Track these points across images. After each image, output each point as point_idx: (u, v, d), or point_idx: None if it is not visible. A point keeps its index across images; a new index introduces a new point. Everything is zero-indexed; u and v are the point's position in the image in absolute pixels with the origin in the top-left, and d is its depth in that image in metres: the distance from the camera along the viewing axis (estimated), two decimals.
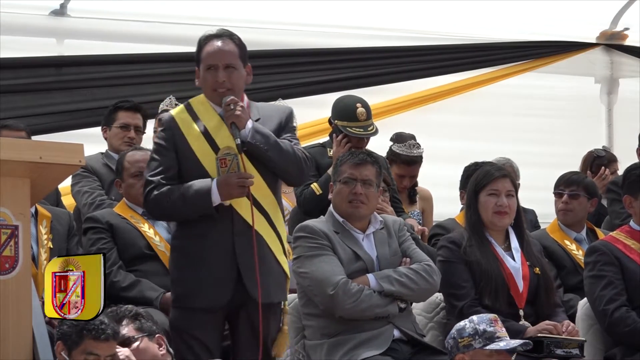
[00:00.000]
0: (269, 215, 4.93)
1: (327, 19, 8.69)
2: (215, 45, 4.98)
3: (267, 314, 4.88)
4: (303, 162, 4.98)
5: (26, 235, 4.08)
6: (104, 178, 6.61)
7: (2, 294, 3.97)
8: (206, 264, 4.86)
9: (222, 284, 4.85)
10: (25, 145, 4.21)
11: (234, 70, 4.97)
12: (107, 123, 6.90)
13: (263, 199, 4.92)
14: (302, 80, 8.60)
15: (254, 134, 4.87)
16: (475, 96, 9.19)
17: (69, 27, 8.13)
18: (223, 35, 5.03)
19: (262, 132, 4.90)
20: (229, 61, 4.97)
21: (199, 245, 4.89)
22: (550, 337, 5.31)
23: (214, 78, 4.94)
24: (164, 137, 4.98)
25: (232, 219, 4.87)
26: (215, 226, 4.87)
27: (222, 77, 4.93)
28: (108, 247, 5.63)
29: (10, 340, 3.97)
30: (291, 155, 4.93)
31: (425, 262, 5.34)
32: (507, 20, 9.12)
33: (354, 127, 6.30)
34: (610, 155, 8.13)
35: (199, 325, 4.84)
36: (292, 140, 5.02)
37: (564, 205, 6.56)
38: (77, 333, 4.11)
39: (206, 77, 4.97)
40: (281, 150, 4.91)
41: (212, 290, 4.84)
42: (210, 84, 4.96)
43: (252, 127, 4.87)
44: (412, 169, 7.27)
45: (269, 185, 4.96)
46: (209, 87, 4.97)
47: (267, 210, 4.92)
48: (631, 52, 9.59)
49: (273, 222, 4.94)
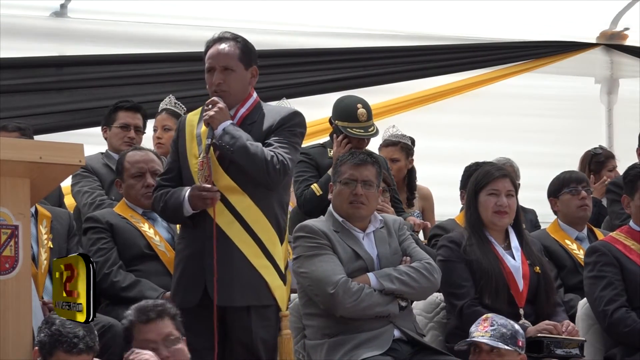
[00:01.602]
0: (243, 219, 4.91)
1: (327, 19, 8.69)
2: (215, 48, 5.04)
3: (234, 317, 4.90)
4: (270, 166, 4.88)
5: (26, 235, 4.08)
6: (104, 178, 6.61)
7: (2, 294, 3.97)
8: (180, 266, 5.04)
9: (190, 285, 4.96)
10: (25, 145, 4.21)
11: (231, 72, 4.99)
12: (107, 123, 6.90)
13: (238, 204, 4.91)
14: (303, 80, 8.60)
15: (222, 135, 4.89)
16: (475, 96, 9.20)
17: (69, 28, 8.13)
18: (226, 37, 5.07)
19: (232, 133, 4.89)
20: (226, 63, 4.99)
21: (183, 246, 5.06)
22: (550, 337, 5.31)
23: (211, 80, 5.02)
24: (174, 139, 5.18)
25: (205, 223, 4.94)
26: (194, 230, 5.01)
27: (218, 79, 4.98)
28: (108, 247, 5.62)
29: (10, 340, 3.97)
30: (257, 158, 4.87)
31: (426, 260, 5.34)
32: (507, 20, 9.12)
33: (355, 128, 6.29)
34: (608, 152, 8.12)
35: (187, 326, 4.81)
36: (277, 144, 4.96)
37: (582, 201, 6.52)
38: (50, 344, 4.06)
39: (207, 79, 5.06)
40: (248, 154, 4.87)
41: (185, 291, 4.98)
42: (209, 84, 5.05)
43: (224, 129, 4.90)
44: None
45: (244, 189, 4.93)
46: (209, 88, 5.05)
47: (241, 214, 4.91)
48: (631, 52, 9.59)
49: (250, 226, 4.92)
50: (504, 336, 4.98)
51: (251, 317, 4.92)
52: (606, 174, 7.78)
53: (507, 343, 4.97)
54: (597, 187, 7.52)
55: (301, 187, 6.27)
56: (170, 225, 5.73)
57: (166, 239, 5.66)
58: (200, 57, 5.18)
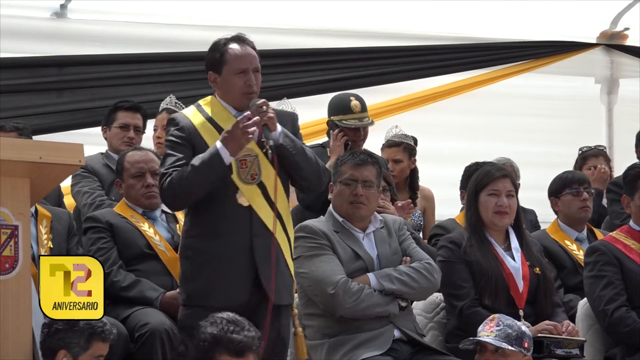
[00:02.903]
0: (282, 218, 4.93)
1: (327, 19, 8.69)
2: (243, 49, 4.93)
3: (278, 316, 4.88)
4: (322, 171, 5.01)
5: (26, 235, 4.09)
6: (104, 178, 6.61)
7: (2, 294, 3.98)
8: (225, 263, 4.83)
9: (240, 283, 4.83)
10: (26, 145, 4.23)
11: (258, 73, 4.97)
12: (107, 123, 6.90)
13: (279, 203, 4.91)
14: (303, 80, 8.60)
15: (284, 137, 4.88)
16: (475, 96, 9.19)
17: (69, 28, 8.13)
18: (243, 39, 4.99)
19: (289, 136, 4.92)
20: (257, 65, 4.96)
21: (217, 244, 4.85)
22: (550, 337, 5.31)
23: (245, 82, 4.91)
24: (180, 135, 4.89)
25: (250, 220, 4.86)
26: (233, 226, 4.85)
27: (254, 81, 4.92)
28: (108, 247, 5.62)
29: (10, 340, 3.98)
30: (313, 162, 4.96)
31: (426, 261, 5.34)
32: (507, 20, 9.12)
33: (349, 119, 6.28)
34: (597, 150, 8.08)
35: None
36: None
37: (583, 203, 6.52)
38: (86, 338, 4.14)
39: (235, 81, 4.91)
40: (306, 156, 4.93)
41: (230, 290, 4.82)
42: (239, 87, 4.91)
43: (282, 130, 4.88)
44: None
45: (285, 189, 4.97)
46: (237, 91, 4.92)
47: (281, 214, 4.92)
48: (631, 52, 9.59)
49: (285, 226, 4.95)
50: (509, 337, 4.98)
51: (286, 315, 4.98)
52: (586, 171, 7.79)
53: (512, 344, 4.96)
54: (595, 179, 7.50)
55: None
56: (170, 225, 5.72)
57: (166, 238, 5.66)
58: (200, 57, 5.17)
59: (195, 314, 4.80)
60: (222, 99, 4.98)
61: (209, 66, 4.99)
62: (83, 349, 4.14)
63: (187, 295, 4.93)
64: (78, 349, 4.13)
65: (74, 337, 4.15)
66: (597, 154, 7.87)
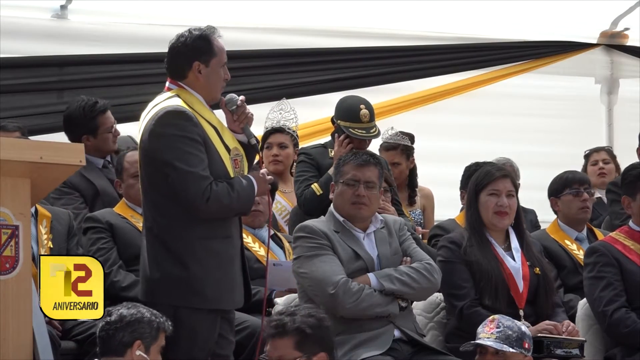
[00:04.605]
0: None
1: (327, 19, 8.69)
2: (221, 42, 4.90)
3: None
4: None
5: (26, 235, 4.09)
6: (85, 193, 6.32)
7: (2, 294, 3.98)
8: (229, 266, 4.80)
9: (238, 287, 4.86)
10: (26, 145, 4.22)
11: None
12: (89, 132, 6.50)
13: None
14: (303, 80, 8.59)
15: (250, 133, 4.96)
16: (475, 96, 9.19)
17: (69, 29, 8.13)
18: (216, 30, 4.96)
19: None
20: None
21: (229, 245, 4.81)
22: (550, 337, 5.31)
23: (225, 75, 4.90)
24: (196, 132, 4.73)
25: (238, 225, 4.91)
26: (234, 229, 4.85)
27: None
28: (108, 247, 5.63)
29: (10, 340, 3.98)
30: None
31: (426, 261, 5.34)
32: (507, 20, 9.12)
33: (357, 129, 6.28)
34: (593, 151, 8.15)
35: (209, 326, 4.77)
36: None
37: (583, 203, 6.52)
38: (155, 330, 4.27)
39: (220, 74, 4.88)
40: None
41: (230, 292, 4.81)
42: (222, 80, 4.89)
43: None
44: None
45: None
46: (220, 84, 4.89)
47: None
48: (631, 53, 9.59)
49: None
50: (510, 338, 4.96)
51: None
52: (590, 167, 7.81)
53: (512, 345, 4.94)
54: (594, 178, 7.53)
55: (301, 186, 6.27)
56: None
57: None
58: None
59: (202, 317, 4.74)
60: (193, 89, 4.85)
61: (196, 55, 4.84)
62: (154, 339, 4.26)
63: (202, 299, 4.73)
64: (150, 339, 4.25)
65: (147, 328, 4.26)
66: (599, 149, 7.96)
